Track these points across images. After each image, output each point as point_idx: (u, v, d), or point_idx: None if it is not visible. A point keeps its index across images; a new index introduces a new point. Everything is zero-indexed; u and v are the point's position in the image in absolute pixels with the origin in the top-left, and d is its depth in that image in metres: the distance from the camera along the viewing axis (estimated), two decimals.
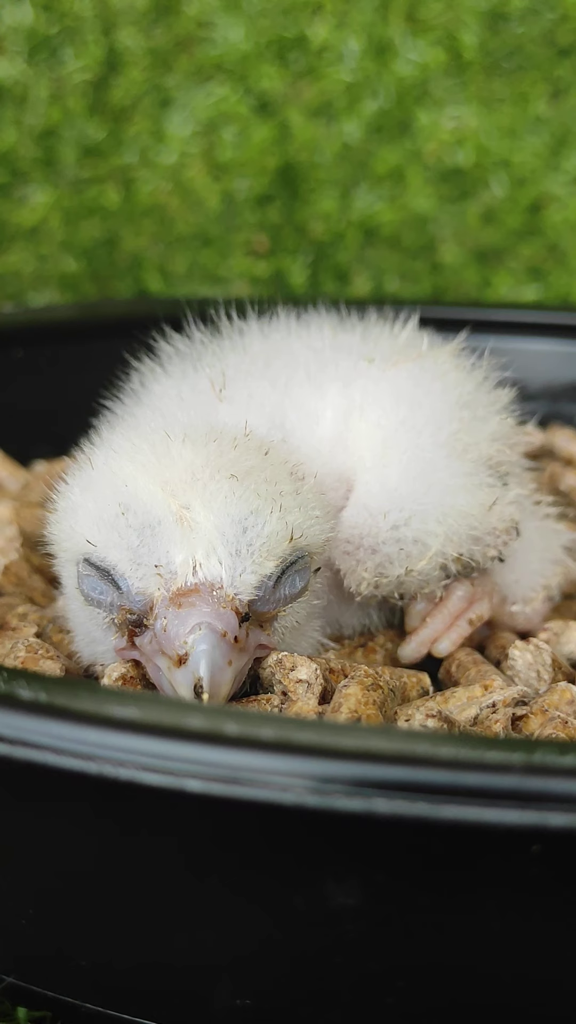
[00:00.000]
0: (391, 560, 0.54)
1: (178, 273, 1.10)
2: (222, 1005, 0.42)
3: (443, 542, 0.54)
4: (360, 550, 0.54)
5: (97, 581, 0.49)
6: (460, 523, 0.54)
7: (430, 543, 0.53)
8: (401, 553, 0.53)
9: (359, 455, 0.55)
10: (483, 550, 0.55)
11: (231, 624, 0.46)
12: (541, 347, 0.81)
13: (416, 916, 0.39)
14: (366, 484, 0.55)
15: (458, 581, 0.56)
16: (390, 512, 0.54)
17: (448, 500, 0.54)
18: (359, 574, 0.54)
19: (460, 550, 0.54)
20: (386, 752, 0.37)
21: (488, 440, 0.57)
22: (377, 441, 0.55)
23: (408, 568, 0.53)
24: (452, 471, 0.55)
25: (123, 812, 0.40)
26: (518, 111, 1.10)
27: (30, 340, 0.79)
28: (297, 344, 0.59)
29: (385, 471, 0.54)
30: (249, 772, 0.36)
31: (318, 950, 0.40)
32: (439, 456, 0.55)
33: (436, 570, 0.54)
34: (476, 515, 0.54)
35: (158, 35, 1.08)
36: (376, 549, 0.54)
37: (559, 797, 0.35)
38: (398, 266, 1.11)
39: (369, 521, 0.54)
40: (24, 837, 0.42)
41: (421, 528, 0.53)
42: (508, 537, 0.56)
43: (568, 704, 0.50)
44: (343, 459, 0.55)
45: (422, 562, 0.53)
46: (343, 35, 1.08)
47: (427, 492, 0.54)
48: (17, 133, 1.08)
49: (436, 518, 0.54)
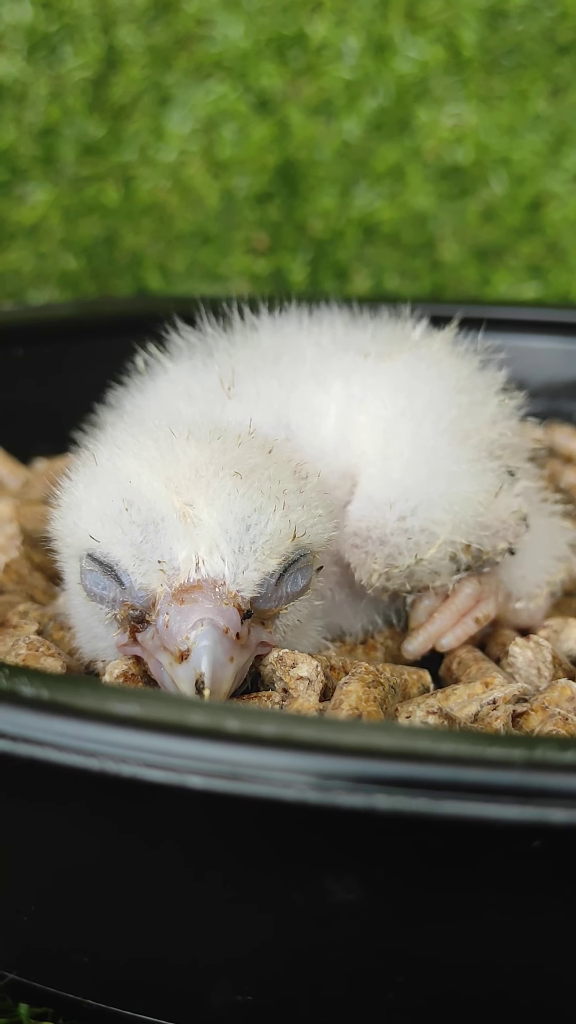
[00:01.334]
0: (400, 551, 0.53)
1: (178, 271, 1.10)
2: (223, 1001, 0.42)
3: (451, 530, 0.53)
4: (369, 542, 0.54)
5: (100, 577, 0.49)
6: (467, 510, 0.54)
7: (438, 531, 0.53)
8: (410, 543, 0.53)
9: (361, 449, 0.55)
10: (493, 540, 0.55)
11: (233, 621, 0.47)
12: (541, 345, 0.81)
13: (416, 912, 0.39)
14: (370, 477, 0.54)
15: (467, 579, 0.56)
16: (396, 503, 0.54)
17: (453, 487, 0.54)
18: (369, 566, 0.54)
19: (468, 538, 0.54)
20: (387, 748, 0.37)
21: (488, 424, 0.57)
22: (378, 433, 0.55)
23: (418, 557, 0.53)
24: (455, 458, 0.55)
25: (125, 808, 0.40)
26: (518, 109, 1.10)
27: (30, 338, 0.79)
28: (306, 341, 0.59)
29: (388, 462, 0.54)
30: (250, 768, 0.36)
31: (319, 945, 0.40)
32: (441, 443, 0.55)
33: (446, 559, 0.54)
34: (482, 501, 0.54)
35: (157, 33, 1.08)
36: (385, 540, 0.53)
37: (560, 793, 0.35)
38: (398, 264, 1.11)
39: (375, 513, 0.54)
40: (26, 834, 0.42)
41: (428, 517, 0.53)
42: (519, 529, 0.56)
43: (568, 701, 0.50)
44: (346, 455, 0.55)
45: (431, 550, 0.53)
46: (342, 33, 1.08)
47: (431, 480, 0.54)
48: (17, 131, 1.08)
49: (442, 506, 0.54)
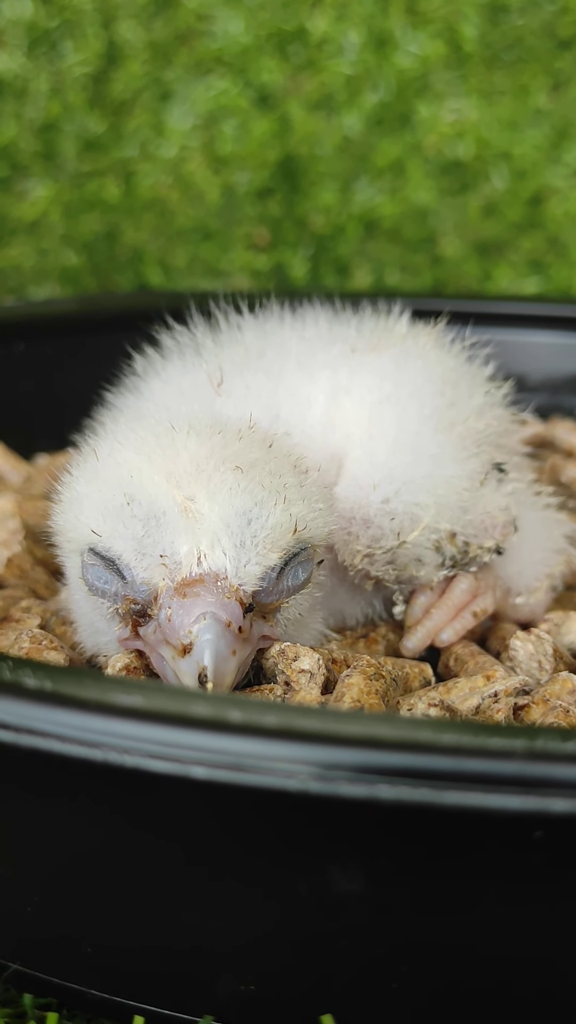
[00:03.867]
0: (384, 532, 0.54)
1: (178, 267, 1.10)
2: (227, 991, 0.42)
3: (434, 514, 0.54)
4: (353, 523, 0.54)
5: (102, 571, 0.49)
6: (450, 494, 0.54)
7: (421, 514, 0.54)
8: (393, 523, 0.54)
9: (347, 432, 0.56)
10: (479, 534, 0.55)
11: (235, 614, 0.47)
12: (542, 339, 0.81)
13: (419, 901, 0.39)
14: (356, 459, 0.55)
15: (462, 574, 0.56)
16: (380, 484, 0.54)
17: (436, 471, 0.54)
18: (353, 547, 0.54)
19: (453, 524, 0.54)
20: (389, 739, 0.37)
21: (475, 414, 0.57)
22: (363, 416, 0.56)
23: (401, 539, 0.54)
24: (439, 443, 0.55)
25: (128, 799, 0.40)
26: (518, 103, 1.10)
27: (31, 334, 0.79)
28: (291, 335, 0.59)
29: (373, 445, 0.55)
30: (253, 759, 0.36)
31: (322, 935, 0.40)
32: (425, 429, 0.55)
33: (430, 547, 0.54)
34: (467, 487, 0.55)
35: (158, 28, 1.08)
36: (369, 522, 0.54)
37: (561, 783, 0.36)
38: (399, 259, 1.11)
39: (359, 494, 0.54)
40: (29, 824, 0.42)
41: (411, 500, 0.54)
42: (507, 528, 0.57)
43: (569, 693, 0.50)
44: (332, 438, 0.56)
45: (414, 533, 0.54)
46: (343, 28, 1.08)
47: (415, 463, 0.54)
48: (17, 127, 1.08)
49: (426, 489, 0.54)
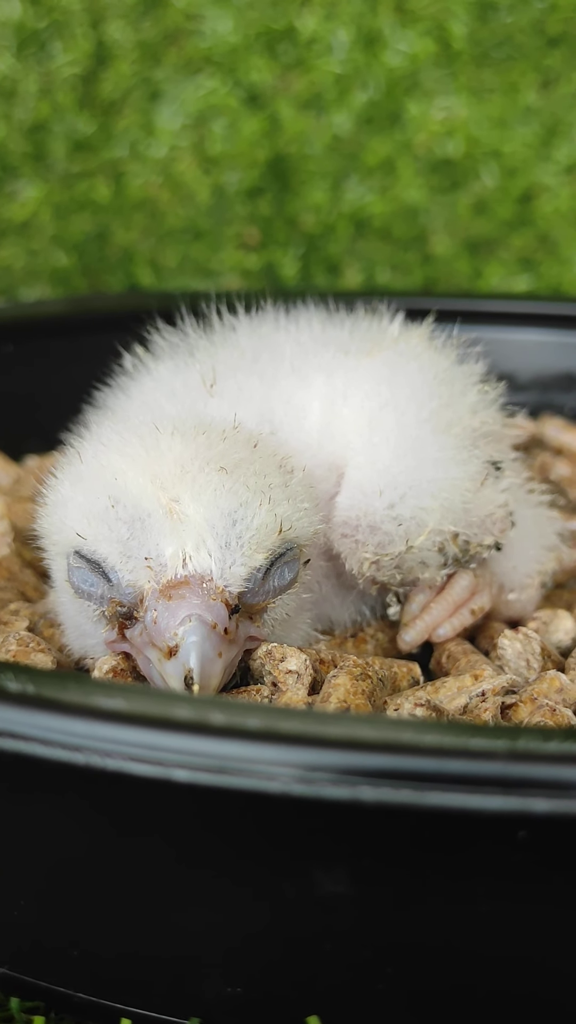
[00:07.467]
0: (391, 538, 0.54)
1: (169, 267, 1.10)
2: (213, 993, 0.42)
3: (439, 516, 0.54)
4: (359, 531, 0.54)
5: (87, 574, 0.49)
6: (454, 496, 0.54)
7: (426, 518, 0.54)
8: (400, 529, 0.54)
9: (346, 440, 0.55)
10: (479, 532, 0.55)
11: (221, 616, 0.47)
12: (532, 337, 0.81)
13: (404, 903, 0.39)
14: (358, 467, 0.55)
15: (462, 571, 0.57)
16: (385, 490, 0.54)
17: (440, 473, 0.54)
18: (360, 555, 0.54)
19: (457, 525, 0.54)
20: (371, 740, 0.37)
21: (470, 412, 0.57)
22: (363, 423, 0.55)
23: (409, 544, 0.53)
24: (440, 445, 0.55)
25: (111, 802, 0.40)
26: (508, 101, 1.10)
27: (21, 335, 0.79)
28: (284, 338, 0.59)
29: (375, 451, 0.55)
30: (236, 761, 0.36)
31: (307, 937, 0.41)
32: (424, 432, 0.55)
33: (435, 549, 0.54)
34: (469, 488, 0.55)
35: (147, 28, 1.08)
36: (376, 528, 0.54)
37: (542, 783, 0.36)
38: (389, 258, 1.11)
39: (365, 501, 0.54)
40: (13, 828, 0.42)
41: (416, 504, 0.54)
42: (505, 524, 0.57)
43: (557, 692, 0.50)
44: (331, 447, 0.55)
45: (421, 537, 0.54)
46: (332, 26, 1.08)
47: (418, 467, 0.54)
48: (6, 128, 1.08)
49: (430, 492, 0.54)
